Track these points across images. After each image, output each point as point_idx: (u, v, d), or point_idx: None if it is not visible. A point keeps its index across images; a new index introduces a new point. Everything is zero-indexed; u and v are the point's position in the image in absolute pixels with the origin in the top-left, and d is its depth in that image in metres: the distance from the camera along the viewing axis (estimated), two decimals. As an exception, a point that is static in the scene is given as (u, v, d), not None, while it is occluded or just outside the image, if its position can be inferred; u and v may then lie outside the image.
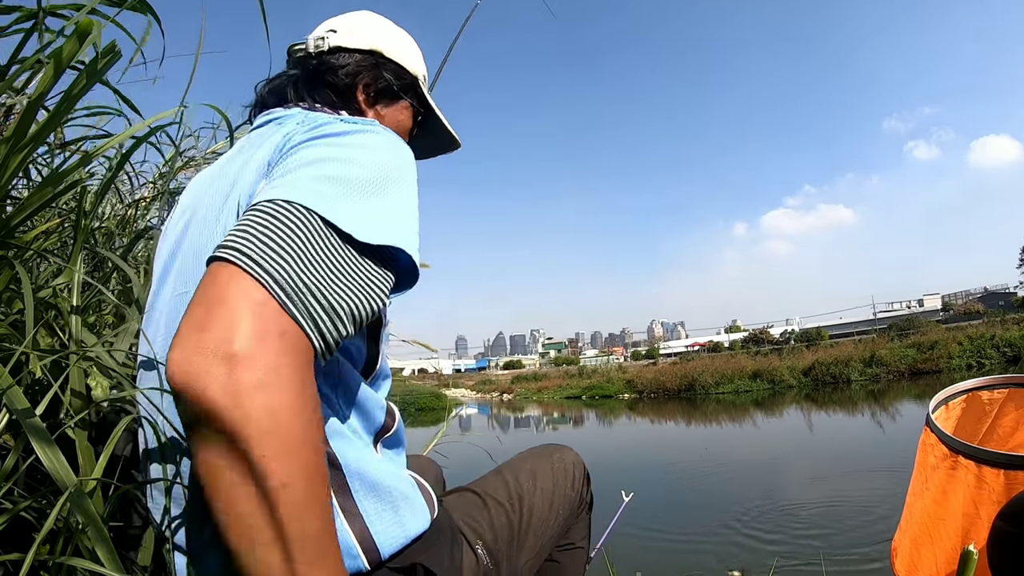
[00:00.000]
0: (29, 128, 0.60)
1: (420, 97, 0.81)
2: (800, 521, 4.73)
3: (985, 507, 1.10)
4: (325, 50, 0.73)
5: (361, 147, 0.51)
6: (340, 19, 0.78)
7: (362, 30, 0.76)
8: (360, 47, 0.75)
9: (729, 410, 16.12)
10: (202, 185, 0.65)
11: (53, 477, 0.51)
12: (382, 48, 0.76)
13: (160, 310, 0.60)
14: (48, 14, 0.71)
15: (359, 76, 0.74)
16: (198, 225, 0.59)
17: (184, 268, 0.58)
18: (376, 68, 0.75)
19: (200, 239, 0.56)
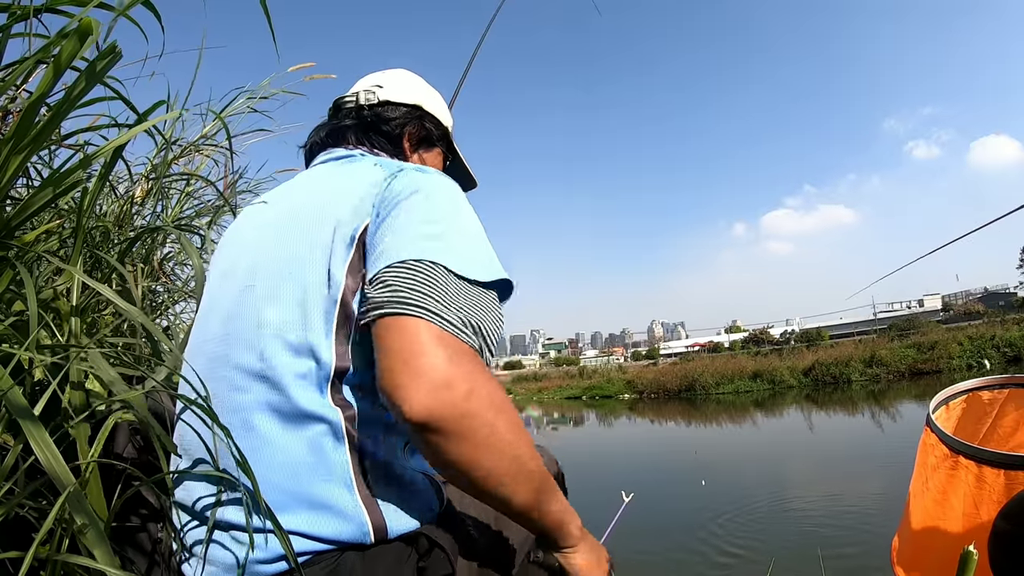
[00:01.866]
0: (29, 129, 0.60)
1: (449, 144, 0.97)
2: (799, 520, 4.72)
3: (985, 507, 1.11)
4: (375, 103, 0.87)
5: (449, 201, 0.65)
6: (384, 76, 0.92)
7: (405, 87, 0.90)
8: (405, 102, 0.89)
9: (729, 410, 16.12)
10: (277, 205, 0.74)
11: (51, 477, 0.51)
12: (422, 103, 0.90)
13: (224, 308, 0.67)
14: (47, 11, 0.71)
15: (406, 127, 0.88)
16: (279, 235, 0.67)
17: (266, 271, 0.65)
18: (419, 120, 0.89)
19: (284, 250, 0.64)
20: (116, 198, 1.38)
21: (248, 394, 0.59)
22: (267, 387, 0.58)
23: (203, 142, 1.63)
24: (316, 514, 0.55)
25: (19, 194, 1.07)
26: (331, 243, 0.61)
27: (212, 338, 0.66)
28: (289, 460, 0.56)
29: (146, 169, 1.46)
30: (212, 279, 0.74)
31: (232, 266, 0.70)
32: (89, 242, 1.08)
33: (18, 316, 0.71)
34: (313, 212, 0.65)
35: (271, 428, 0.57)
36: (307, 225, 0.64)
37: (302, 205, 0.68)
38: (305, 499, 0.56)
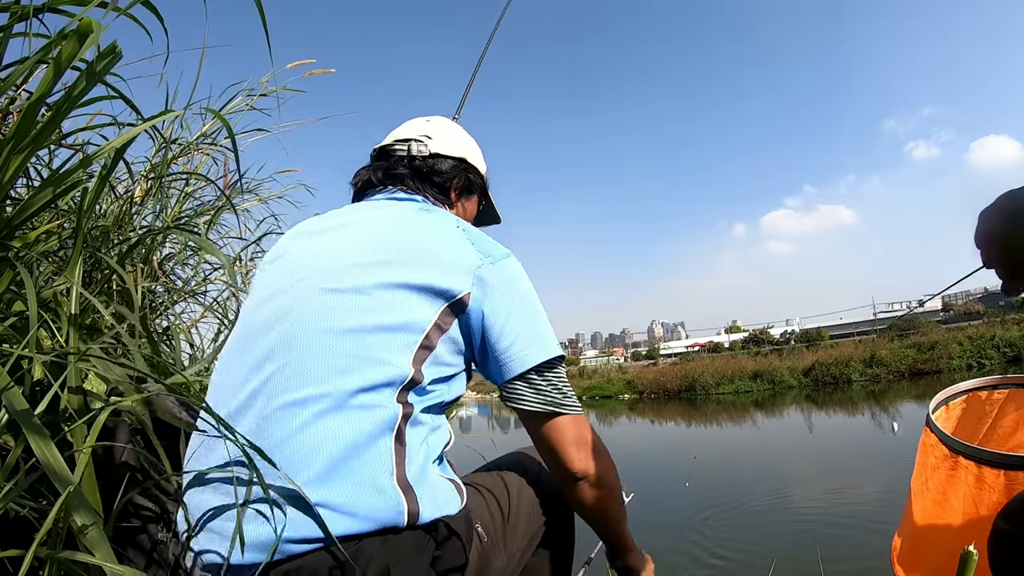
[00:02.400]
0: (30, 129, 0.60)
1: (484, 190, 1.08)
2: (799, 521, 4.72)
3: (985, 507, 1.10)
4: (427, 155, 0.97)
5: (533, 292, 0.83)
6: (430, 127, 1.01)
7: (452, 140, 1.01)
8: (453, 155, 0.99)
9: (729, 411, 16.12)
10: (356, 228, 0.82)
11: (51, 477, 0.51)
12: (467, 156, 1.01)
13: (293, 308, 0.72)
14: (47, 11, 0.71)
15: (455, 179, 0.99)
16: (368, 258, 0.75)
17: (352, 287, 0.72)
18: (464, 172, 1.01)
19: (375, 276, 0.72)
20: (115, 198, 1.38)
21: (310, 385, 0.66)
22: (335, 382, 0.66)
23: (202, 141, 1.63)
24: (358, 490, 0.62)
25: (19, 194, 1.07)
26: (425, 289, 0.73)
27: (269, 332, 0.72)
28: (341, 441, 0.63)
29: (145, 168, 1.46)
30: (274, 279, 0.79)
31: (305, 271, 0.76)
32: (89, 242, 1.08)
33: (18, 316, 0.71)
34: (404, 254, 0.75)
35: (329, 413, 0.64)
36: (402, 267, 0.74)
37: (394, 246, 0.77)
38: (350, 476, 0.62)
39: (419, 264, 0.74)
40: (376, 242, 0.77)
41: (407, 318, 0.70)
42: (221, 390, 0.72)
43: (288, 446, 0.63)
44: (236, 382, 0.70)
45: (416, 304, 0.72)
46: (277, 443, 0.63)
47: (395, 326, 0.70)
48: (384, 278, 0.72)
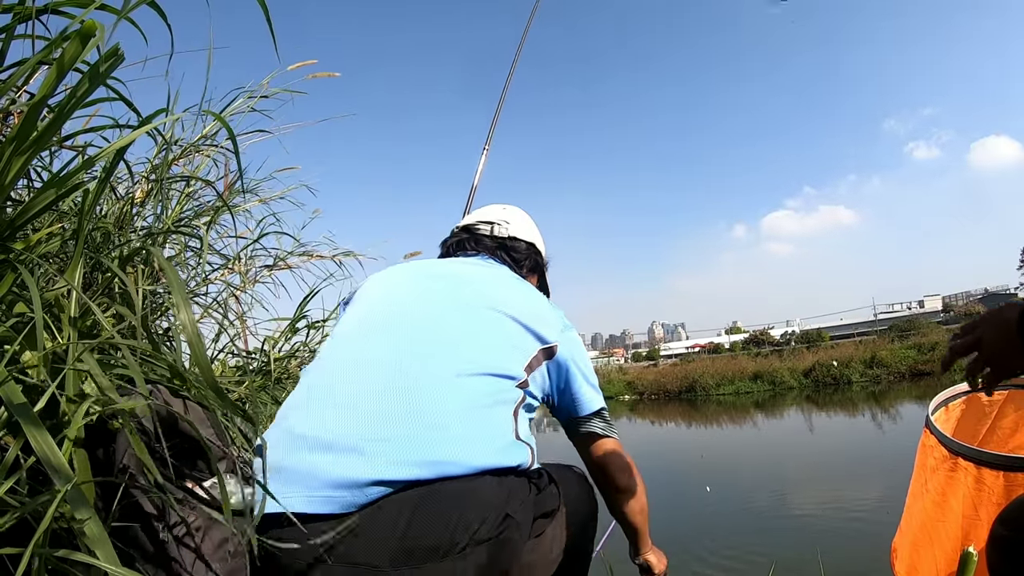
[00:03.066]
0: (32, 131, 0.60)
1: (543, 272, 1.31)
2: (799, 522, 4.72)
3: (984, 509, 1.10)
4: (507, 236, 1.22)
5: (586, 354, 1.09)
6: (507, 214, 1.26)
7: (525, 228, 1.26)
8: (527, 239, 1.24)
9: (730, 411, 16.10)
10: (433, 276, 1.05)
11: (50, 473, 0.51)
12: (536, 242, 1.26)
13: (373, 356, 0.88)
14: (49, 12, 0.71)
15: (528, 259, 1.22)
16: (457, 320, 0.95)
17: (418, 336, 0.90)
18: (535, 256, 1.25)
19: (468, 338, 0.91)
20: (116, 199, 1.38)
21: (458, 385, 0.84)
22: (468, 376, 0.85)
23: (203, 143, 1.63)
24: (495, 440, 0.82)
25: (19, 195, 1.07)
26: (531, 332, 0.97)
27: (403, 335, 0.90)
28: (479, 399, 0.84)
29: (146, 169, 1.46)
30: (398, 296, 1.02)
31: (438, 308, 0.97)
32: (90, 244, 1.08)
33: (18, 318, 0.71)
34: (523, 308, 1.00)
35: (472, 377, 0.85)
36: (520, 313, 0.98)
37: (512, 299, 1.01)
38: (482, 426, 0.81)
39: (529, 313, 0.99)
40: (504, 290, 1.04)
41: (523, 344, 0.96)
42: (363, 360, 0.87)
43: (433, 394, 0.80)
44: (387, 352, 0.87)
45: (527, 337, 0.97)
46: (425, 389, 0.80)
47: (515, 345, 0.94)
48: (514, 315, 0.97)
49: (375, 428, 0.76)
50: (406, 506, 0.71)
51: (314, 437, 0.76)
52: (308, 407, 0.83)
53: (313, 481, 0.72)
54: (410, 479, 0.72)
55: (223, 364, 1.75)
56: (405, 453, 0.74)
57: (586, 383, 1.06)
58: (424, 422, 0.77)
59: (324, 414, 0.79)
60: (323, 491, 0.71)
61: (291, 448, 0.77)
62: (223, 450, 0.78)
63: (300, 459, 0.75)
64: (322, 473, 0.72)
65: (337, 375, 0.86)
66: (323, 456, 0.74)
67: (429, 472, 0.73)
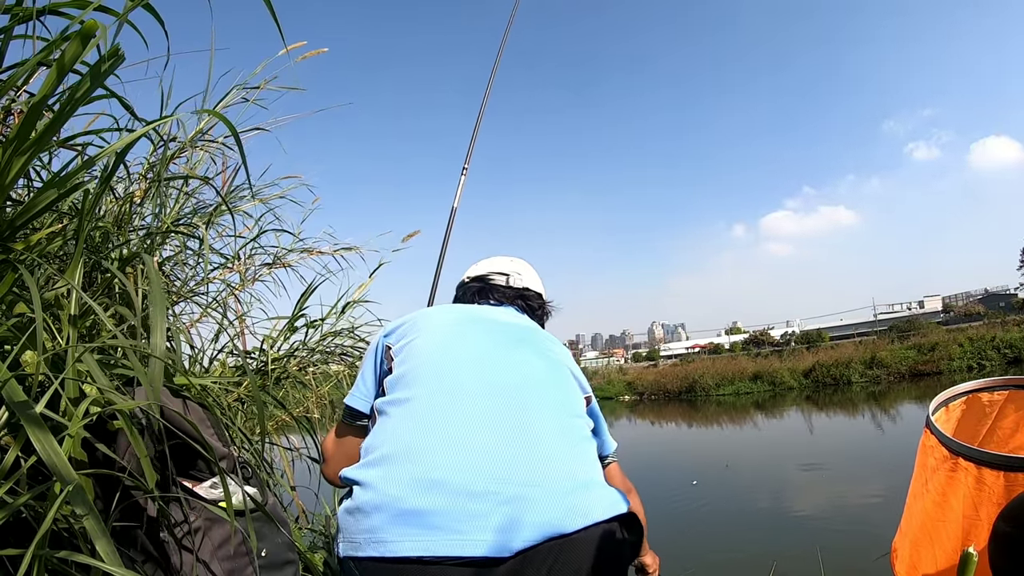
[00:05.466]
0: (32, 131, 0.60)
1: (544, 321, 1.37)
2: (799, 522, 4.72)
3: (985, 509, 1.10)
4: (521, 287, 1.29)
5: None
6: (516, 266, 1.34)
7: (535, 280, 1.34)
8: (537, 291, 1.33)
9: (730, 412, 16.10)
10: (483, 319, 1.13)
11: (51, 469, 0.51)
12: (543, 293, 1.36)
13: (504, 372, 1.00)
14: (48, 13, 0.71)
15: (540, 309, 1.32)
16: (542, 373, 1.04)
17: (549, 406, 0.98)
18: (544, 305, 1.34)
19: (554, 392, 1.02)
20: (115, 199, 1.38)
21: (545, 421, 0.93)
22: (562, 421, 0.96)
23: (200, 138, 1.62)
24: (602, 491, 0.87)
25: (19, 196, 1.07)
26: (578, 383, 1.09)
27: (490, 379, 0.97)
28: (578, 454, 0.93)
29: (143, 168, 1.46)
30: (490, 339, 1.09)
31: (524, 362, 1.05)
32: (89, 244, 1.08)
33: (18, 318, 0.71)
34: (568, 359, 1.12)
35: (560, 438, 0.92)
36: (570, 363, 1.12)
37: (556, 349, 1.14)
38: (590, 477, 0.90)
39: (574, 366, 1.12)
40: (550, 342, 1.15)
41: (578, 393, 1.07)
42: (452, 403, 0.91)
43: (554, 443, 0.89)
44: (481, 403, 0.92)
45: (578, 387, 1.08)
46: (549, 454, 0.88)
47: (576, 394, 1.06)
48: (572, 369, 1.10)
49: (521, 474, 0.82)
50: (551, 554, 0.75)
51: (458, 482, 0.79)
52: (434, 451, 0.84)
53: (464, 525, 0.75)
54: (556, 533, 0.76)
55: (222, 364, 1.75)
56: (552, 503, 0.79)
57: (606, 428, 1.19)
58: (559, 470, 0.84)
59: (457, 458, 0.82)
60: (479, 535, 0.75)
61: (427, 490, 0.78)
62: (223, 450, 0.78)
63: (445, 502, 0.78)
64: (474, 517, 0.76)
65: (443, 418, 0.88)
66: (472, 501, 0.77)
67: (572, 523, 0.77)
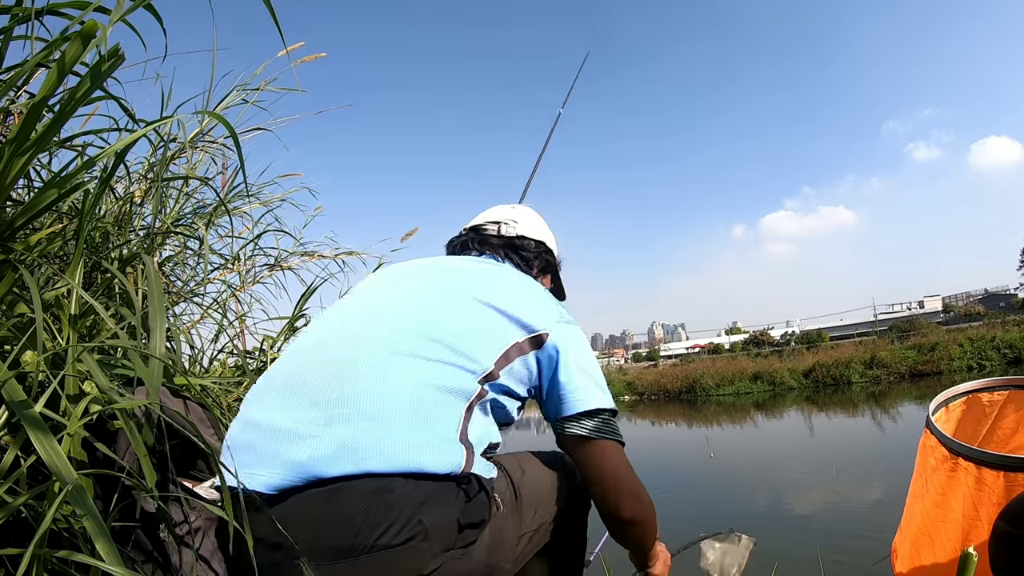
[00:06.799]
0: (32, 131, 0.60)
1: (556, 272, 1.25)
2: (800, 522, 4.72)
3: (985, 509, 1.10)
4: (515, 235, 1.16)
5: (592, 354, 0.97)
6: (516, 212, 1.20)
7: (534, 226, 1.20)
8: (536, 238, 1.18)
9: (730, 412, 16.10)
10: (426, 272, 1.01)
11: (51, 470, 0.51)
12: (546, 240, 1.20)
13: (398, 313, 0.88)
14: (48, 13, 0.71)
15: (537, 258, 1.17)
16: (425, 300, 0.92)
17: (455, 305, 0.90)
18: (545, 254, 1.19)
19: (431, 317, 0.87)
20: (115, 199, 1.38)
21: (406, 365, 0.80)
22: (419, 359, 0.80)
23: (200, 139, 1.63)
24: (426, 434, 0.75)
25: (19, 196, 1.07)
26: (514, 320, 0.91)
27: (373, 326, 0.86)
28: (421, 392, 0.78)
29: (143, 168, 1.46)
30: (377, 292, 0.97)
31: (410, 290, 0.95)
32: (89, 244, 1.08)
33: (19, 318, 0.71)
34: (509, 292, 0.95)
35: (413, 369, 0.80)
36: (502, 297, 0.92)
37: (499, 283, 0.97)
38: (421, 420, 0.75)
39: (515, 301, 0.93)
40: (495, 281, 0.98)
41: (500, 331, 0.89)
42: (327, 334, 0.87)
43: (374, 374, 0.77)
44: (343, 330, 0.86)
45: (508, 326, 0.90)
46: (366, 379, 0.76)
47: (488, 332, 0.88)
48: (495, 304, 0.91)
49: (305, 412, 0.75)
50: (317, 502, 0.69)
51: (258, 419, 0.78)
52: (263, 393, 0.84)
53: (257, 458, 0.74)
54: (328, 475, 0.70)
55: (222, 364, 1.75)
56: (326, 445, 0.71)
57: (581, 374, 0.92)
58: (356, 408, 0.74)
59: (270, 398, 0.81)
60: (264, 468, 0.72)
61: (243, 428, 0.79)
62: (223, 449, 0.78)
63: (246, 437, 0.77)
64: (262, 451, 0.74)
65: (294, 357, 0.86)
66: (263, 436, 0.75)
67: (348, 467, 0.70)
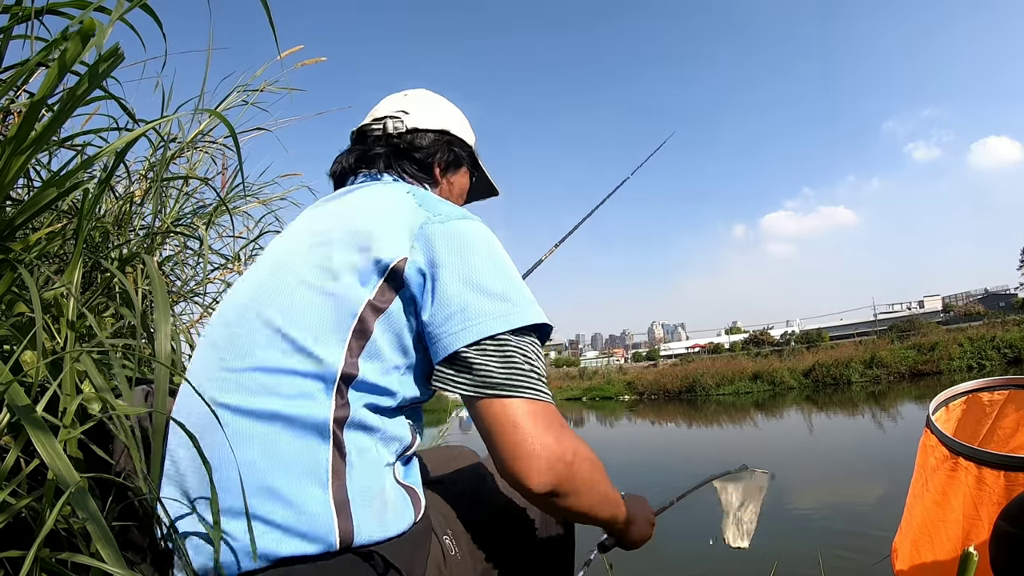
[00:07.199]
0: (31, 131, 0.60)
1: (475, 162, 0.99)
2: (800, 522, 4.72)
3: (985, 508, 1.10)
4: (404, 131, 0.88)
5: (492, 253, 0.68)
6: (407, 101, 0.93)
7: (431, 112, 0.92)
8: (433, 128, 0.90)
9: (730, 411, 16.10)
10: (310, 224, 0.76)
11: (54, 473, 0.51)
12: (449, 127, 0.92)
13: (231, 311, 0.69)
14: (47, 13, 0.71)
15: (437, 154, 0.90)
16: (306, 250, 0.69)
17: (284, 280, 0.68)
18: (447, 145, 0.92)
19: (307, 263, 0.67)
20: (115, 198, 1.38)
21: (235, 392, 0.61)
22: (258, 383, 0.60)
23: (200, 140, 1.63)
24: (284, 509, 0.56)
25: (18, 195, 1.07)
26: (359, 264, 0.64)
27: (218, 337, 0.68)
28: (266, 452, 0.58)
29: (144, 168, 1.46)
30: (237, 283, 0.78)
31: (256, 271, 0.74)
32: (89, 243, 1.08)
33: (17, 317, 0.71)
34: (344, 233, 0.68)
35: (252, 423, 0.59)
36: (337, 244, 0.67)
37: (335, 226, 0.70)
38: (275, 493, 0.56)
39: (352, 239, 0.66)
40: (317, 228, 0.72)
41: (335, 301, 0.62)
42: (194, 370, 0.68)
43: (224, 452, 0.58)
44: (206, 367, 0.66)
45: (347, 284, 0.63)
46: (214, 445, 0.58)
47: (322, 310, 0.62)
48: (316, 261, 0.66)
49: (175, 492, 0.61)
50: None
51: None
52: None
53: None
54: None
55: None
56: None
57: (465, 289, 0.62)
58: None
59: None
60: None
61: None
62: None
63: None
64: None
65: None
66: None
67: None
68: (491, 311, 0.62)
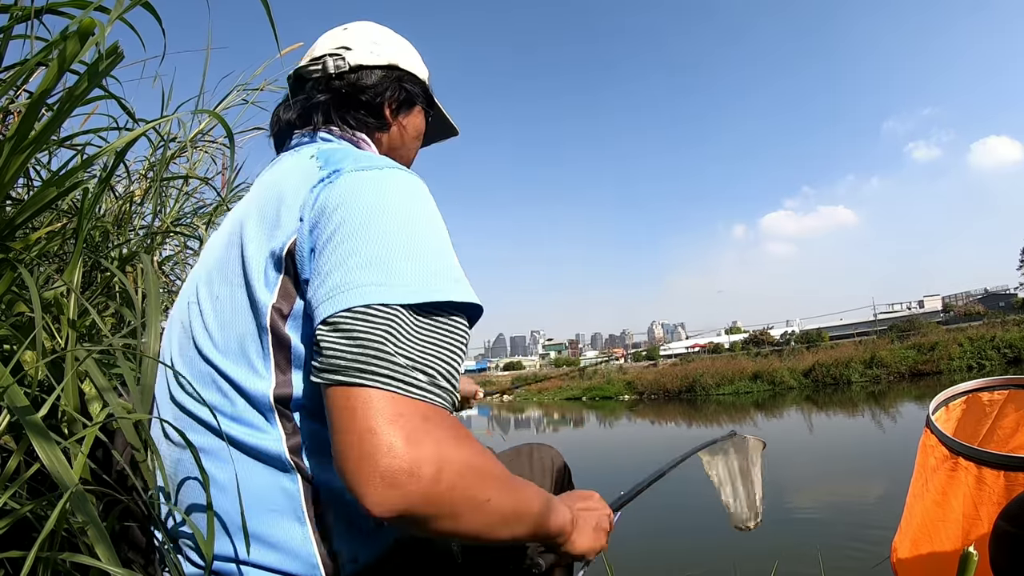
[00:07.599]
0: (31, 130, 0.60)
1: (429, 98, 0.88)
2: (800, 522, 4.72)
3: (985, 508, 1.10)
4: (346, 69, 0.77)
5: (401, 211, 0.54)
6: (348, 35, 0.81)
7: (376, 46, 0.80)
8: (379, 63, 0.79)
9: (730, 411, 16.10)
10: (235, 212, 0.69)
11: (54, 477, 0.51)
12: (398, 61, 0.81)
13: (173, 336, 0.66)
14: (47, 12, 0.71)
15: (386, 92, 0.79)
16: (223, 252, 0.63)
17: (206, 291, 0.62)
18: (397, 82, 0.80)
19: (220, 270, 0.61)
20: (115, 198, 1.38)
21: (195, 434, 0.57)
22: (212, 426, 0.55)
23: (200, 139, 1.63)
24: (268, 553, 0.53)
25: (18, 194, 1.07)
26: (258, 263, 0.56)
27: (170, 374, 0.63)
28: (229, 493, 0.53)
29: (143, 167, 1.46)
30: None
31: (190, 284, 0.69)
32: (89, 242, 1.08)
33: (17, 317, 0.71)
34: (253, 224, 0.59)
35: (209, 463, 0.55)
36: (248, 240, 0.58)
37: (246, 216, 0.61)
38: (254, 536, 0.53)
39: (259, 229, 0.58)
40: (234, 219, 0.64)
41: (248, 314, 0.55)
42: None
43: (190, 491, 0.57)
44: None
45: (256, 289, 0.55)
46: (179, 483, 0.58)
47: (239, 329, 0.55)
48: (228, 268, 0.59)
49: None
50: None
51: None
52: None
53: None
54: None
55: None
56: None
57: (333, 252, 0.52)
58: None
59: None
60: None
61: None
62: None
63: None
64: None
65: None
66: None
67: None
68: (360, 279, 0.49)
